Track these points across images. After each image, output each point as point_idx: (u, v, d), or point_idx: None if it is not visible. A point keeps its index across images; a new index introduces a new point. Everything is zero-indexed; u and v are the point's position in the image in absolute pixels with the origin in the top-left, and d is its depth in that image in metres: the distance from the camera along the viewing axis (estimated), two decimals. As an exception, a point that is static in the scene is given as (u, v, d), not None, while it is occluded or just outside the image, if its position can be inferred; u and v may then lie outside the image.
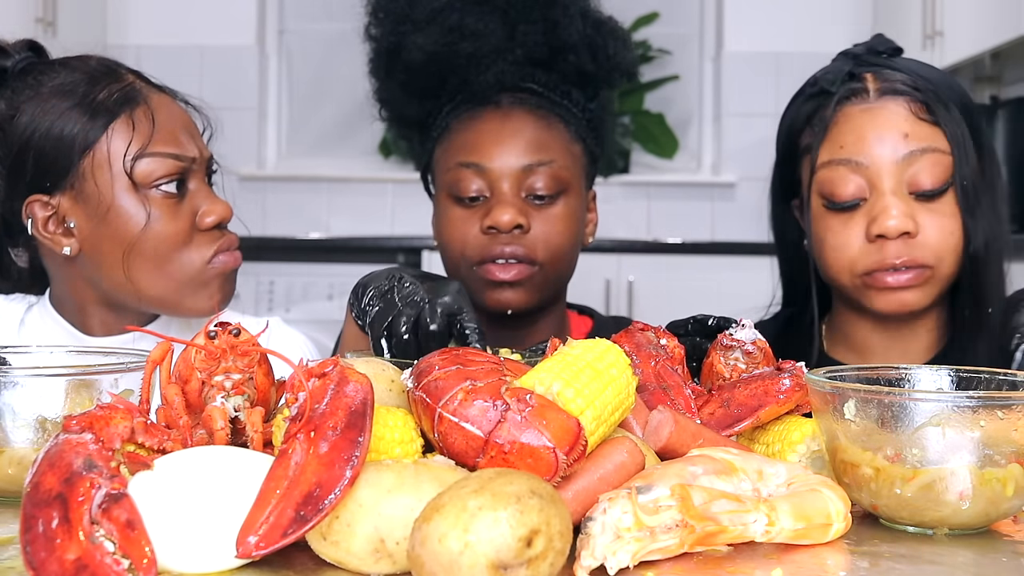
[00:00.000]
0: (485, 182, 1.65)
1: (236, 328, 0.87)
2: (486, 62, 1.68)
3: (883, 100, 1.42)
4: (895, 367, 1.04)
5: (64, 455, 0.76)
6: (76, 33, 3.99)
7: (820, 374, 0.97)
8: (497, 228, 1.62)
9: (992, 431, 0.87)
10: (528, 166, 1.65)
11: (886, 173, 1.39)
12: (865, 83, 1.44)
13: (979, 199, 1.40)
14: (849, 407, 0.91)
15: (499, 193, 1.65)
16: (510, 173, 1.65)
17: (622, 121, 4.41)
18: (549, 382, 0.84)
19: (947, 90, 1.43)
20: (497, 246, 1.63)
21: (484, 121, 1.69)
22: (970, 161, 1.40)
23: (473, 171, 1.65)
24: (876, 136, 1.40)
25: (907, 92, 1.41)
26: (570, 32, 1.71)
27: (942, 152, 1.39)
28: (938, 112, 1.40)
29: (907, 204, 1.39)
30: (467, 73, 1.69)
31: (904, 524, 0.91)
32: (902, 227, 1.38)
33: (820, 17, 4.39)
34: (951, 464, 0.87)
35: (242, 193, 4.43)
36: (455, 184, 1.66)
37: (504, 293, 1.65)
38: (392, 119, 1.84)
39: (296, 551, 0.78)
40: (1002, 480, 0.87)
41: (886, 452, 0.89)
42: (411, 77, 1.73)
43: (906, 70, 1.44)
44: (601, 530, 0.76)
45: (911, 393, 0.97)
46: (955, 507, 0.87)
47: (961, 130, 1.40)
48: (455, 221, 1.67)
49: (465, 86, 1.70)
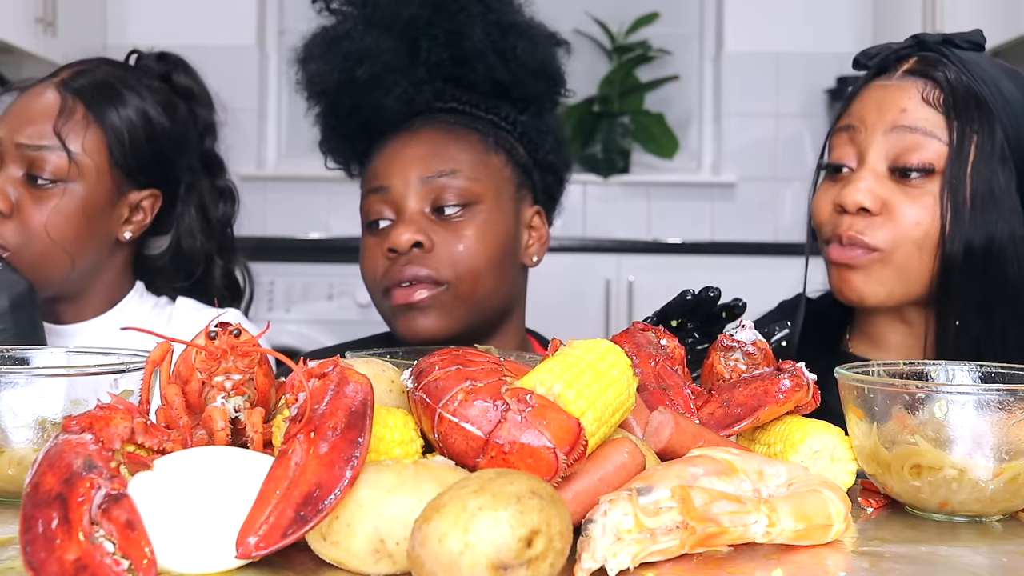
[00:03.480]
0: (389, 205, 1.57)
1: (236, 328, 0.87)
2: (387, 84, 1.60)
3: (903, 79, 1.39)
4: (921, 363, 1.08)
5: (64, 455, 0.76)
6: (76, 33, 3.99)
7: (883, 375, 1.00)
8: (395, 249, 1.52)
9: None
10: (428, 178, 1.56)
11: (874, 144, 1.38)
12: (902, 63, 1.41)
13: (977, 205, 1.33)
14: (940, 407, 0.92)
15: (401, 213, 1.56)
16: (411, 190, 1.56)
17: (622, 121, 4.42)
18: (550, 383, 0.84)
19: (996, 92, 1.36)
20: (398, 268, 1.54)
21: (392, 145, 1.61)
22: (977, 164, 1.33)
23: (379, 196, 1.58)
24: (878, 108, 1.39)
25: (931, 77, 1.37)
26: (474, 40, 1.61)
27: (937, 140, 1.34)
28: (955, 103, 1.34)
29: (881, 183, 1.37)
30: (371, 99, 1.62)
31: (972, 516, 0.95)
32: (861, 201, 1.36)
33: (820, 17, 4.39)
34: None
35: (242, 193, 4.42)
36: (365, 213, 1.60)
37: (414, 319, 1.54)
38: (343, 167, 1.77)
39: (296, 551, 0.78)
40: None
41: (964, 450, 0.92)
42: (329, 116, 1.67)
43: (957, 60, 1.38)
44: (601, 532, 0.76)
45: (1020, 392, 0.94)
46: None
47: (980, 131, 1.33)
48: (366, 251, 1.60)
49: (376, 114, 1.63)
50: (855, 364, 1.04)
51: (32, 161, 1.54)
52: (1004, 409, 0.91)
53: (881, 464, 0.96)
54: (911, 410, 0.93)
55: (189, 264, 1.73)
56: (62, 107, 1.57)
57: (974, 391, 0.95)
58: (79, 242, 1.57)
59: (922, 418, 0.93)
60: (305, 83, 1.68)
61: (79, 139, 1.56)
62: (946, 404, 0.92)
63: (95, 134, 1.57)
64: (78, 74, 1.62)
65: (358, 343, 1.79)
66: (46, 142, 1.55)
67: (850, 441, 1.00)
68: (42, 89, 1.60)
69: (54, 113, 1.56)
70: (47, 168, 1.54)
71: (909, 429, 0.94)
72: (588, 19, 4.50)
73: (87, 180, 1.56)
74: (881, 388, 0.96)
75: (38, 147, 1.55)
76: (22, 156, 1.55)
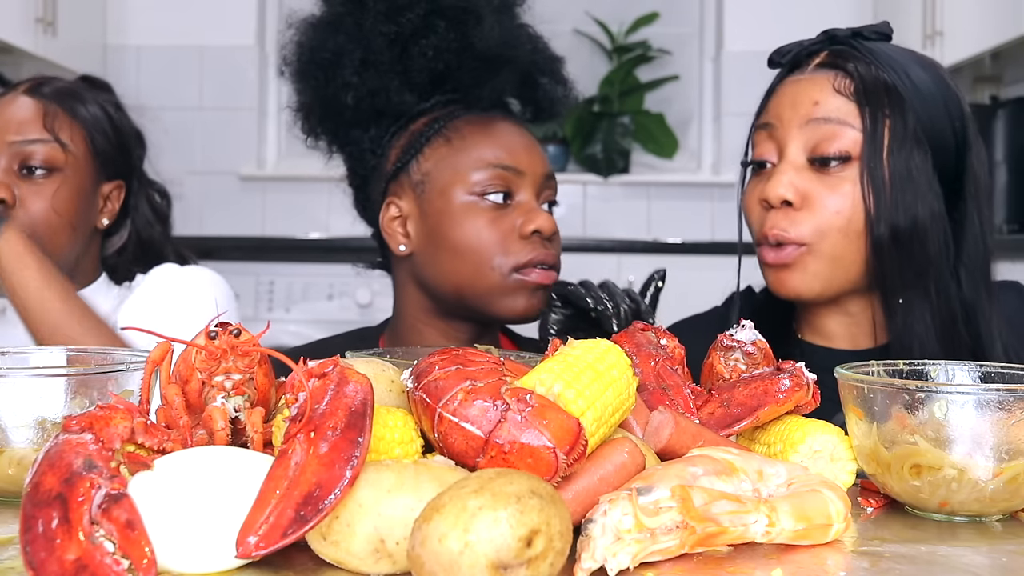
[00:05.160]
0: (514, 186, 1.64)
1: (237, 328, 0.87)
2: (501, 68, 1.68)
3: (814, 73, 1.43)
4: (921, 363, 1.08)
5: (64, 455, 0.76)
6: (76, 33, 3.99)
7: (880, 373, 1.00)
8: (541, 233, 1.62)
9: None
10: (549, 176, 1.68)
11: (792, 138, 1.40)
12: (813, 58, 1.45)
13: (897, 187, 1.35)
14: (940, 407, 0.92)
15: (527, 198, 1.64)
16: (536, 180, 1.66)
17: (622, 121, 4.41)
18: (550, 383, 0.84)
19: (904, 77, 1.39)
20: (540, 252, 1.62)
21: (502, 127, 1.68)
22: (892, 148, 1.36)
23: (511, 173, 1.63)
24: (791, 104, 1.42)
25: (841, 68, 1.41)
26: (544, 57, 1.75)
27: (851, 127, 1.37)
28: (865, 91, 1.37)
29: (800, 175, 1.39)
30: (483, 75, 1.67)
31: (972, 516, 0.95)
32: (783, 195, 1.38)
33: (820, 17, 4.37)
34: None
35: (242, 193, 4.43)
36: (487, 184, 1.62)
37: (536, 299, 1.63)
38: (335, 110, 1.75)
39: (296, 551, 0.78)
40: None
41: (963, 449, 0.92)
42: (414, 66, 1.66)
43: (866, 51, 1.42)
44: (601, 532, 0.76)
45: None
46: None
47: (891, 115, 1.36)
48: (488, 223, 1.63)
49: (475, 87, 1.68)
50: (855, 364, 1.04)
51: (26, 156, 1.73)
52: (1004, 409, 0.91)
53: (881, 464, 0.96)
54: (911, 410, 0.93)
55: (150, 252, 1.94)
56: (44, 108, 1.78)
57: (974, 391, 0.95)
58: (78, 219, 1.78)
59: (922, 418, 0.93)
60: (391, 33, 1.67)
61: (66, 132, 1.78)
62: (946, 404, 0.92)
63: (76, 128, 1.80)
64: (39, 84, 1.83)
65: (340, 337, 1.83)
66: (36, 136, 1.74)
67: (850, 441, 1.00)
68: (13, 98, 1.80)
69: (39, 112, 1.77)
70: (41, 160, 1.74)
71: (909, 429, 0.94)
72: (588, 19, 4.50)
73: (77, 168, 1.78)
74: (881, 388, 0.96)
75: (30, 142, 1.74)
76: (14, 152, 1.73)
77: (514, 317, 1.65)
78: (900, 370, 1.07)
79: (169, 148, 4.31)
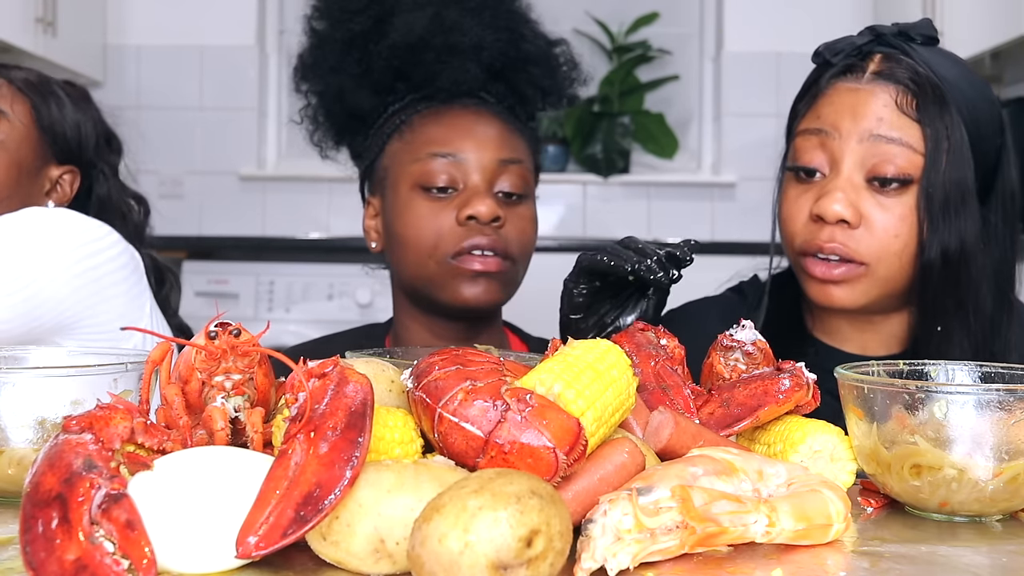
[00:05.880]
0: (458, 173, 1.62)
1: (236, 328, 0.87)
2: (459, 59, 1.66)
3: (874, 83, 1.38)
4: (921, 363, 1.08)
5: (64, 455, 0.76)
6: (76, 33, 3.99)
7: (881, 373, 1.01)
8: (477, 219, 1.59)
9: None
10: (503, 161, 1.64)
11: (849, 152, 1.36)
12: (867, 62, 1.40)
13: (950, 210, 1.33)
14: (940, 407, 0.92)
15: (473, 185, 1.62)
16: (484, 167, 1.63)
17: (622, 121, 4.41)
18: (550, 383, 0.84)
19: (958, 94, 1.36)
20: (476, 237, 1.60)
21: (454, 116, 1.67)
22: (947, 171, 1.33)
23: (449, 161, 1.62)
24: (851, 115, 1.37)
25: (902, 82, 1.36)
26: (533, 46, 1.73)
27: (912, 150, 1.34)
28: (926, 110, 1.34)
29: (858, 193, 1.36)
30: (437, 67, 1.67)
31: (972, 516, 0.95)
32: (841, 213, 1.35)
33: (820, 17, 4.38)
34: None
35: (242, 193, 4.43)
36: (426, 175, 1.63)
37: (478, 286, 1.61)
38: (330, 115, 1.79)
39: (296, 551, 0.78)
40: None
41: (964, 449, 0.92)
42: (375, 66, 1.69)
43: (920, 60, 1.37)
44: (601, 532, 0.76)
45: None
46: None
47: (950, 137, 1.34)
48: (427, 212, 1.63)
49: (430, 80, 1.67)
50: (855, 364, 1.04)
51: None
52: (1004, 409, 0.91)
53: (881, 464, 0.96)
54: (911, 410, 0.93)
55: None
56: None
57: (974, 391, 0.95)
58: (11, 190, 1.74)
59: (922, 418, 0.93)
60: (344, 34, 1.71)
61: (8, 103, 1.77)
62: (946, 404, 0.92)
63: (23, 101, 1.79)
64: (2, 67, 1.84)
65: (341, 335, 1.84)
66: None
67: (850, 441, 1.00)
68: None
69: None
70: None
71: (909, 429, 0.94)
72: (588, 19, 4.50)
73: (16, 136, 1.76)
74: (881, 388, 0.96)
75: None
76: None
77: (463, 305, 1.62)
78: (900, 370, 1.07)
79: (169, 148, 4.34)
